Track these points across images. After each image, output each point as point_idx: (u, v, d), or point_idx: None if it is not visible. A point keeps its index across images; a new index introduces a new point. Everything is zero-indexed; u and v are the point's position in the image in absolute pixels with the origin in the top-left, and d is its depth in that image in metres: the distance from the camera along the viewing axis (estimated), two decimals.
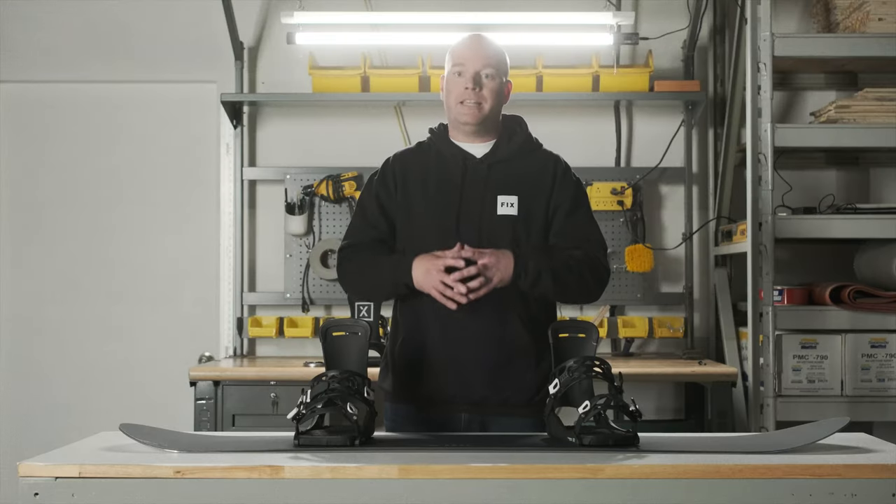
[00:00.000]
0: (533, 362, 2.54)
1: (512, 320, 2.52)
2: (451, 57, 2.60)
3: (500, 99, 2.59)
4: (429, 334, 2.53)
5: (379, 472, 1.96)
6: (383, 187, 2.62)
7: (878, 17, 3.89)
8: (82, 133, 4.65)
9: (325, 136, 4.62)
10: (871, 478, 1.95)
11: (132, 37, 4.61)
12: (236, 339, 4.53)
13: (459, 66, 2.56)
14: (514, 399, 2.52)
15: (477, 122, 2.56)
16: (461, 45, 2.60)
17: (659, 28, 4.54)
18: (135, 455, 2.07)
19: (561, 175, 2.62)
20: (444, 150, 2.62)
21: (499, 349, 2.52)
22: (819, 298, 3.95)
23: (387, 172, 2.64)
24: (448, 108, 2.60)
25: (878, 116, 3.88)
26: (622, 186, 4.44)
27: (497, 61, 2.58)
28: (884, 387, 3.88)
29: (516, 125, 2.67)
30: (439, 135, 2.66)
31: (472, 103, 2.54)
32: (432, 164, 2.61)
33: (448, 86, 2.59)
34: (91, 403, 4.55)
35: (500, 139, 2.62)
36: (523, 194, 2.56)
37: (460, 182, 2.56)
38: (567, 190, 2.61)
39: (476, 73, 2.54)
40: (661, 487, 1.95)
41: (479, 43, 2.59)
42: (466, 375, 2.51)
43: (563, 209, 2.58)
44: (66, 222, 4.64)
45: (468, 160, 2.59)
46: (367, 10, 4.55)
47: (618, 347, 4.51)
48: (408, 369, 2.56)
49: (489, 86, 2.55)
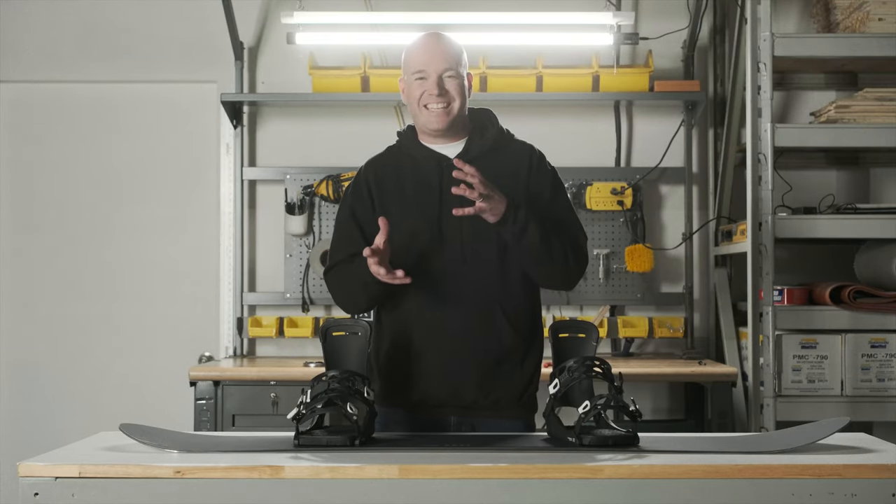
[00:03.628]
0: (518, 360, 2.52)
1: (497, 318, 2.49)
2: (407, 64, 2.56)
3: (465, 95, 2.56)
4: (414, 338, 2.50)
5: (379, 472, 1.95)
6: (358, 200, 2.59)
7: (878, 17, 3.89)
8: (82, 133, 4.65)
9: (325, 136, 4.62)
10: (871, 478, 1.95)
11: (132, 37, 4.61)
12: (236, 339, 4.53)
13: (420, 72, 2.52)
14: (503, 400, 2.51)
15: (446, 126, 2.54)
16: (418, 50, 2.56)
17: (659, 28, 4.54)
18: (135, 455, 2.07)
19: (536, 164, 2.59)
20: (417, 153, 2.58)
21: (485, 351, 2.49)
22: (819, 298, 3.95)
23: (360, 184, 2.60)
24: (414, 114, 2.57)
25: (878, 116, 3.88)
26: (622, 186, 4.44)
27: (455, 59, 2.54)
28: (884, 387, 3.88)
29: (486, 119, 2.63)
30: (408, 137, 2.62)
31: (440, 108, 2.51)
32: (406, 168, 2.57)
33: (410, 91, 2.55)
34: (91, 403, 4.55)
35: (471, 136, 2.58)
36: (502, 190, 2.49)
37: (438, 185, 2.52)
38: (544, 178, 2.58)
39: (438, 76, 2.51)
40: (661, 487, 1.95)
41: (434, 44, 2.55)
42: (454, 380, 2.49)
43: (543, 197, 2.55)
44: (65, 222, 4.64)
45: (443, 161, 2.54)
46: (367, 10, 4.55)
47: (618, 347, 4.51)
48: (395, 374, 2.53)
49: (452, 86, 2.51)
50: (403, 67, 2.59)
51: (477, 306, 2.47)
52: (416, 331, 2.50)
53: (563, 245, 2.50)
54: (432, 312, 2.48)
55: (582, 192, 4.43)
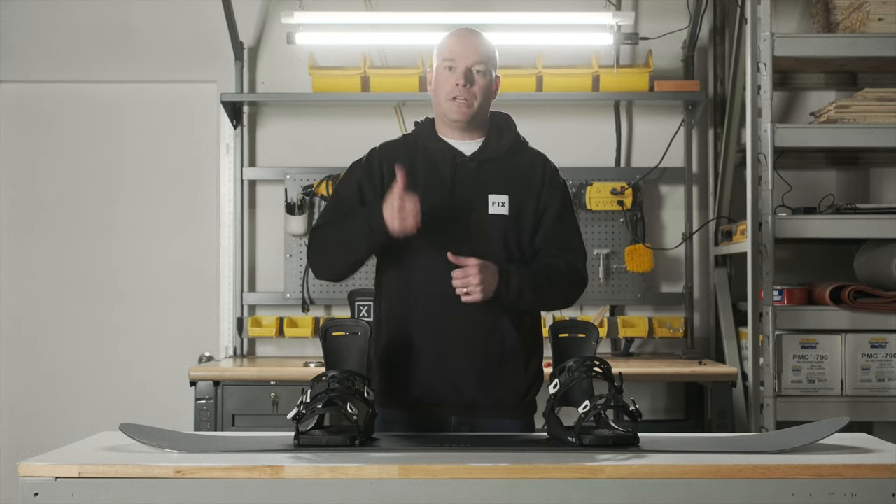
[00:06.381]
0: (522, 363, 2.52)
1: (500, 318, 2.49)
2: (440, 51, 2.55)
3: (490, 95, 2.56)
4: (415, 335, 2.49)
5: (379, 472, 1.95)
6: (368, 176, 2.56)
7: (878, 17, 3.89)
8: (82, 133, 4.65)
9: (325, 136, 4.61)
10: (871, 478, 1.95)
11: (132, 37, 4.61)
12: (236, 339, 4.53)
13: (450, 60, 2.51)
14: (505, 401, 2.50)
15: (467, 120, 2.53)
16: (451, 40, 2.55)
17: (659, 28, 4.54)
18: (135, 455, 2.07)
19: (550, 177, 2.59)
20: (432, 145, 2.57)
21: (489, 351, 2.49)
22: (819, 298, 3.95)
23: (372, 162, 2.58)
24: (437, 104, 2.56)
25: (878, 116, 3.88)
26: (622, 186, 4.44)
27: (488, 56, 2.53)
28: (884, 387, 3.88)
29: (504, 123, 2.63)
30: (426, 129, 2.61)
31: (463, 100, 2.50)
32: (420, 159, 2.56)
33: (438, 80, 2.54)
34: (91, 403, 4.55)
35: (489, 136, 2.58)
36: (514, 194, 2.53)
37: (450, 180, 2.52)
38: (556, 192, 2.58)
39: (467, 68, 2.50)
40: (661, 487, 1.95)
41: (469, 37, 2.54)
42: (456, 379, 2.48)
43: (552, 212, 2.56)
44: (65, 222, 4.64)
45: (457, 157, 2.54)
46: (367, 10, 4.55)
47: (618, 347, 4.51)
48: (395, 372, 2.52)
49: (480, 82, 2.51)
50: (435, 56, 2.57)
51: (480, 305, 2.45)
52: (417, 329, 2.49)
53: (560, 284, 2.52)
54: (434, 310, 2.47)
55: (582, 192, 4.43)
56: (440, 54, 2.55)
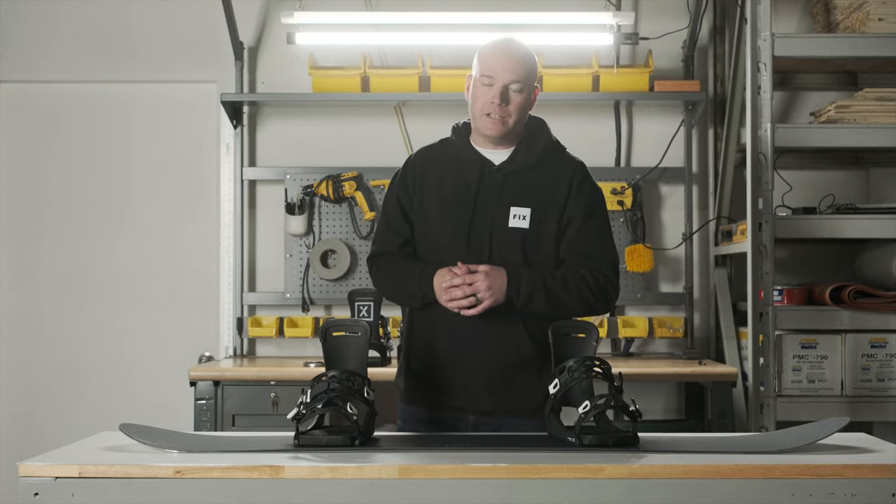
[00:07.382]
0: (536, 372, 2.52)
1: (518, 330, 2.52)
2: (480, 61, 2.53)
3: (527, 111, 2.56)
4: (438, 344, 2.54)
5: (379, 472, 1.96)
6: (403, 189, 2.61)
7: (878, 17, 3.89)
8: (82, 133, 4.65)
9: (325, 136, 4.62)
10: (871, 478, 1.96)
11: (132, 37, 4.61)
12: (236, 339, 4.53)
13: (488, 77, 2.49)
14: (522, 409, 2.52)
15: (500, 136, 2.53)
16: (492, 52, 2.52)
17: (659, 28, 4.54)
18: (135, 455, 2.07)
19: (577, 186, 2.58)
20: (464, 153, 2.59)
21: (504, 362, 2.51)
22: (819, 298, 3.95)
23: (407, 172, 2.62)
24: (473, 115, 2.56)
25: (878, 116, 3.88)
26: (622, 186, 4.44)
27: (527, 73, 2.51)
28: (884, 387, 3.88)
29: (537, 129, 2.62)
30: (461, 136, 2.62)
31: (497, 118, 2.50)
32: (450, 167, 2.58)
33: (475, 92, 2.53)
34: (91, 403, 4.55)
35: (518, 146, 2.57)
36: (536, 207, 2.53)
37: (475, 190, 2.54)
38: (581, 200, 2.57)
39: (504, 86, 2.48)
40: (661, 487, 1.95)
41: (510, 51, 2.52)
42: (473, 390, 2.52)
43: (576, 222, 2.55)
44: (65, 222, 4.63)
45: (485, 167, 2.55)
46: (367, 10, 4.55)
47: (618, 347, 4.51)
48: (420, 375, 2.57)
49: (516, 100, 2.50)
50: (474, 65, 2.56)
51: (500, 314, 2.48)
52: (440, 337, 2.54)
53: (579, 289, 2.51)
54: (455, 316, 2.48)
55: None
56: (480, 65, 2.53)
